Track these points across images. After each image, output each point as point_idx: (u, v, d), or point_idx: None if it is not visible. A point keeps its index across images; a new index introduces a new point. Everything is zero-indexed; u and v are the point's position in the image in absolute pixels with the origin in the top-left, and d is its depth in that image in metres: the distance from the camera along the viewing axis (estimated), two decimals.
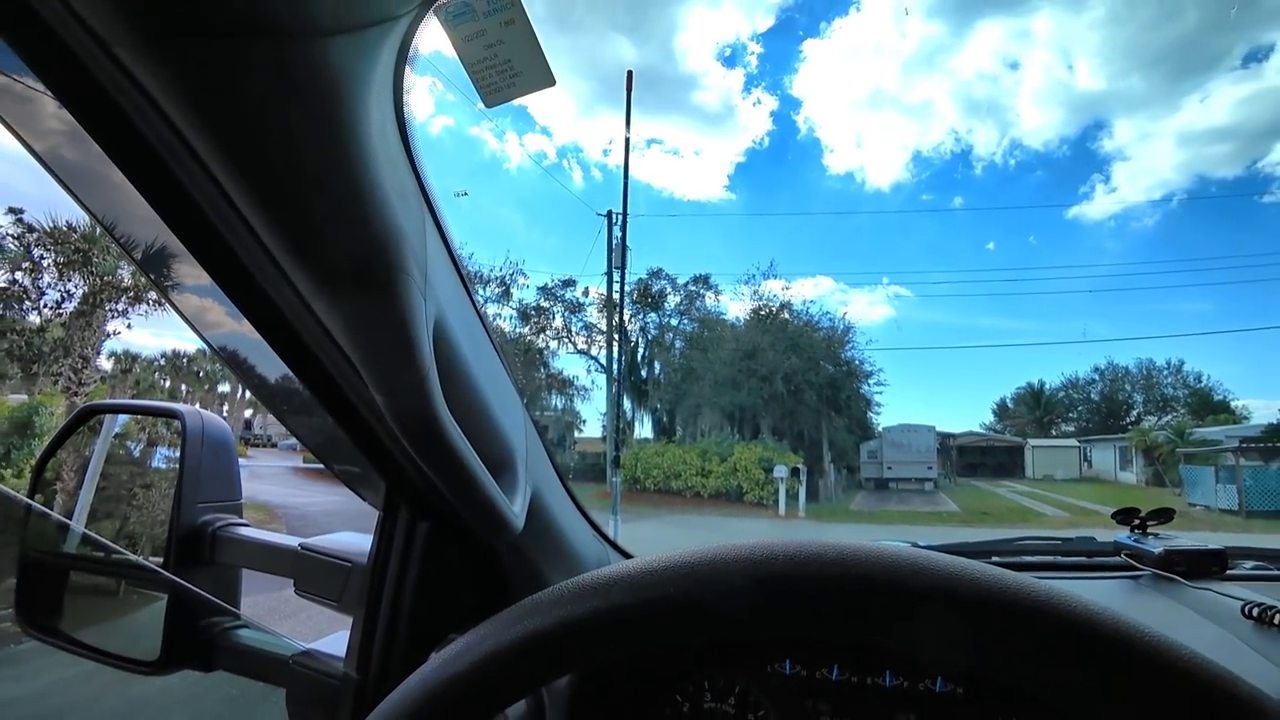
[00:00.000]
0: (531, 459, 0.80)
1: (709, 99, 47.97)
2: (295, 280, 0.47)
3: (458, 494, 0.64)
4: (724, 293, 28.72)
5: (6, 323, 14.07)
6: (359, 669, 0.84)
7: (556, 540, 0.91)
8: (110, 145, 0.43)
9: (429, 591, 0.82)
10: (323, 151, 0.39)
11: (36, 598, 1.16)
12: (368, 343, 0.49)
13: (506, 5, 0.50)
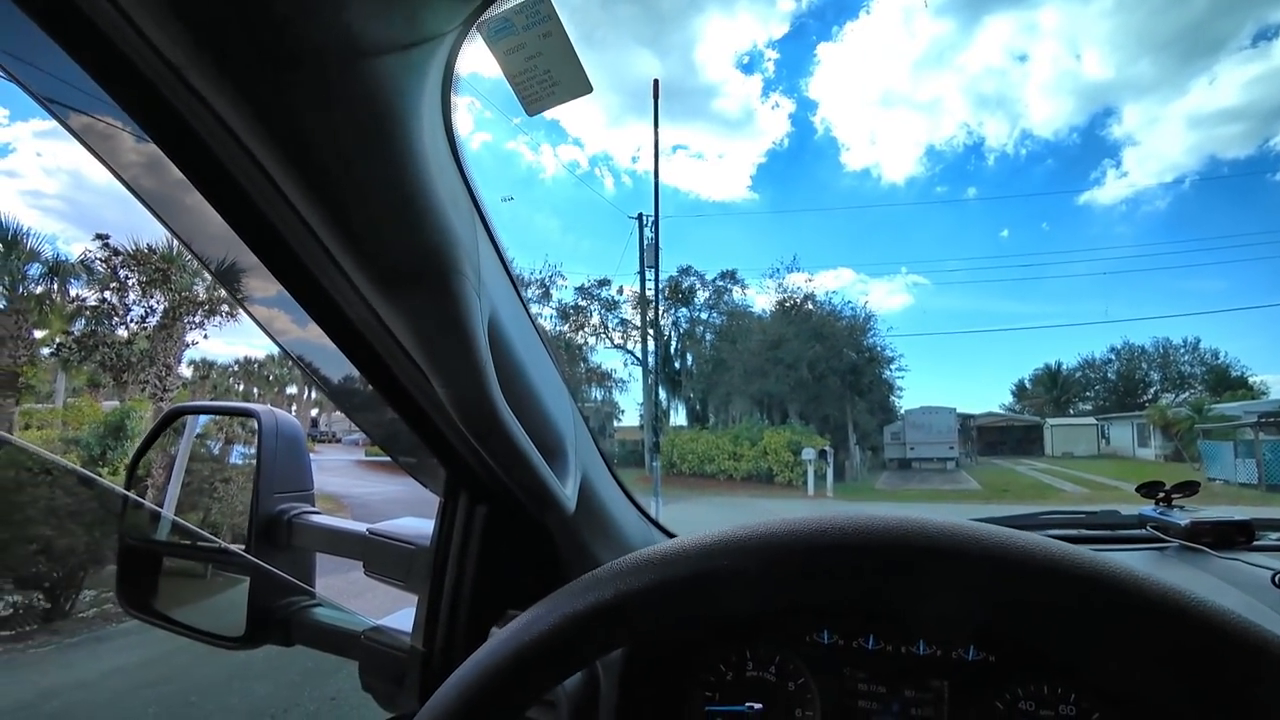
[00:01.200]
0: (580, 445, 0.81)
1: (729, 105, 47.67)
2: (359, 284, 0.47)
3: (515, 477, 0.65)
4: (750, 287, 28.66)
5: (99, 337, 14.68)
6: (425, 642, 0.86)
7: (605, 520, 0.92)
8: (188, 167, 0.44)
9: (488, 570, 0.83)
10: (379, 163, 0.40)
11: (134, 581, 1.20)
12: (429, 340, 0.50)
13: (544, 18, 0.50)
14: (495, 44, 0.51)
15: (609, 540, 0.94)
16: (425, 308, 0.48)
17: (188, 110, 0.40)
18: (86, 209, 27.31)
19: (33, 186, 28.01)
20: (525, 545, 0.86)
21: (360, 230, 0.43)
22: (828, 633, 0.84)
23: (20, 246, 14.52)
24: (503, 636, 0.49)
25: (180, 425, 1.23)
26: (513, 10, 0.50)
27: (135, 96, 0.40)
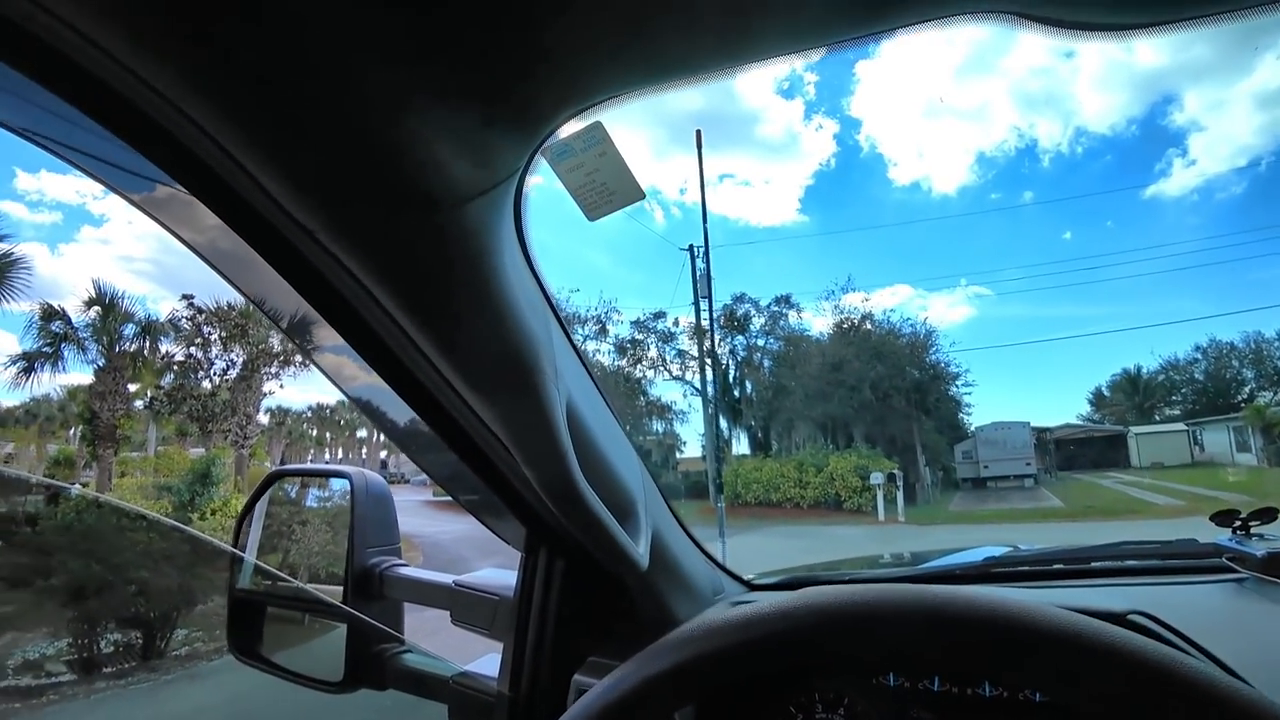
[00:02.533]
0: (650, 502, 0.87)
1: (772, 130, 47.73)
2: (456, 386, 0.55)
3: (592, 540, 0.71)
4: (806, 310, 28.16)
5: (186, 389, 15.72)
6: (511, 687, 0.93)
7: (675, 571, 0.97)
8: (310, 295, 0.53)
9: (569, 620, 0.90)
10: (470, 289, 0.48)
11: (242, 629, 1.31)
12: (516, 429, 0.58)
13: (599, 140, 0.58)
14: (558, 164, 0.59)
15: (679, 589, 0.99)
16: (512, 405, 0.55)
17: (307, 249, 0.48)
18: (171, 270, 29.42)
19: (125, 252, 30.25)
20: (602, 596, 0.92)
21: (455, 344, 0.51)
22: (893, 675, 0.87)
23: (117, 309, 15.67)
24: (588, 698, 0.54)
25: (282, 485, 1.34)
26: (573, 137, 0.57)
27: (255, 234, 0.48)
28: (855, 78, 47.26)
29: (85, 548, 8.30)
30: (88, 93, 0.40)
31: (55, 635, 8.24)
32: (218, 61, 0.36)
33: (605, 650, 0.88)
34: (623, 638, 0.91)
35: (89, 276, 26.91)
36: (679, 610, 0.98)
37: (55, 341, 15.32)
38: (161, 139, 0.42)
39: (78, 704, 7.20)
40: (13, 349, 15.79)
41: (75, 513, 9.40)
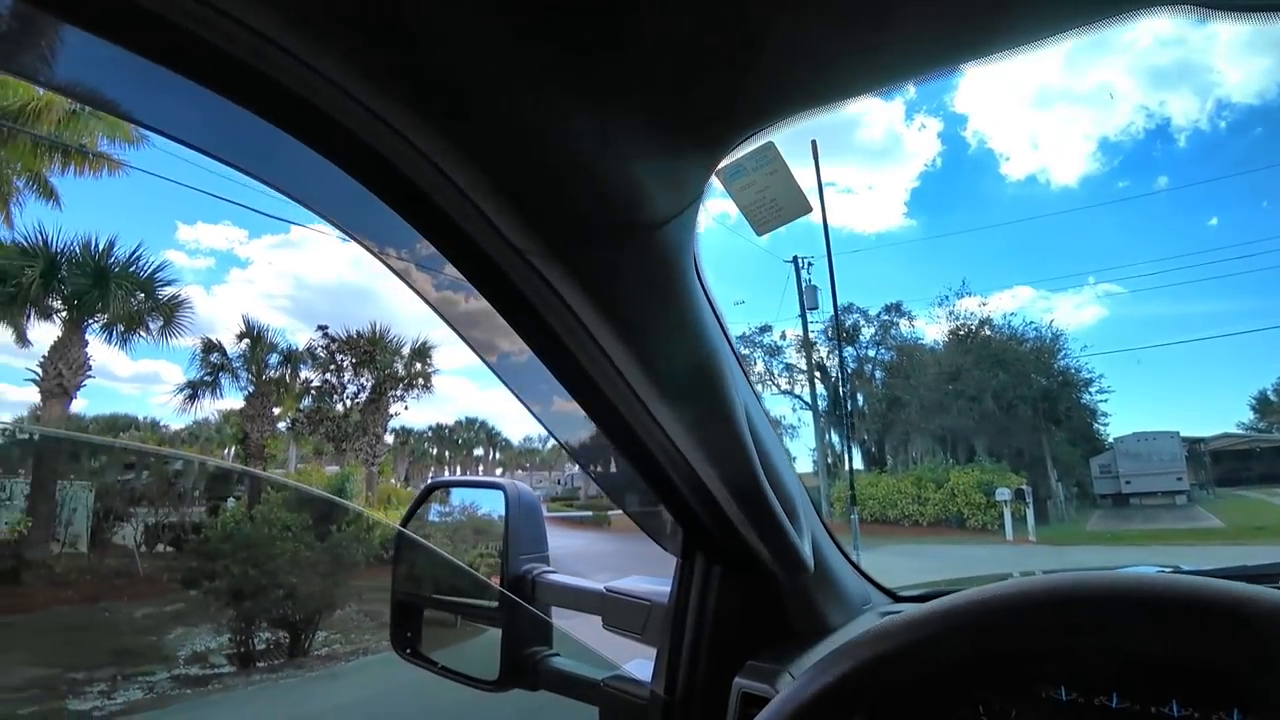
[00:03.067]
0: (805, 509, 0.87)
1: (873, 134, 46.08)
2: (643, 397, 0.58)
3: (769, 540, 0.73)
4: (918, 318, 26.66)
5: (323, 412, 17.16)
6: (666, 690, 0.94)
7: (828, 578, 0.96)
8: (524, 329, 0.57)
9: (724, 624, 0.91)
10: (666, 302, 0.51)
11: (403, 629, 1.40)
12: (703, 434, 0.61)
13: (770, 160, 0.60)
14: (730, 184, 0.61)
15: (831, 596, 0.98)
16: (700, 411, 0.58)
17: (519, 277, 0.52)
18: (305, 304, 32.38)
19: (266, 290, 33.39)
20: (757, 601, 0.93)
21: (651, 357, 0.55)
22: (1065, 689, 0.81)
23: (263, 341, 17.36)
24: (789, 692, 0.55)
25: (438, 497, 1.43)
26: (745, 158, 0.60)
27: (478, 272, 0.53)
28: (958, 71, 44.59)
29: (243, 555, 9.14)
30: (305, 119, 0.43)
31: (218, 631, 9.11)
32: (442, 95, 0.40)
33: (762, 655, 0.88)
34: (778, 643, 0.91)
35: (239, 313, 29.89)
36: (831, 617, 0.97)
37: (214, 371, 17.19)
38: (379, 165, 0.46)
39: (237, 694, 7.92)
40: (179, 379, 17.70)
41: (234, 523, 10.38)
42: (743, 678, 0.86)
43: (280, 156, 0.50)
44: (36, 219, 14.79)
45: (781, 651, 0.88)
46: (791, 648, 0.89)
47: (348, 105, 0.41)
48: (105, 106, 0.51)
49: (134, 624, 9.86)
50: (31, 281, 13.36)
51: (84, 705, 7.20)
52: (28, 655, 8.32)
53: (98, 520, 13.44)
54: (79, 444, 14.54)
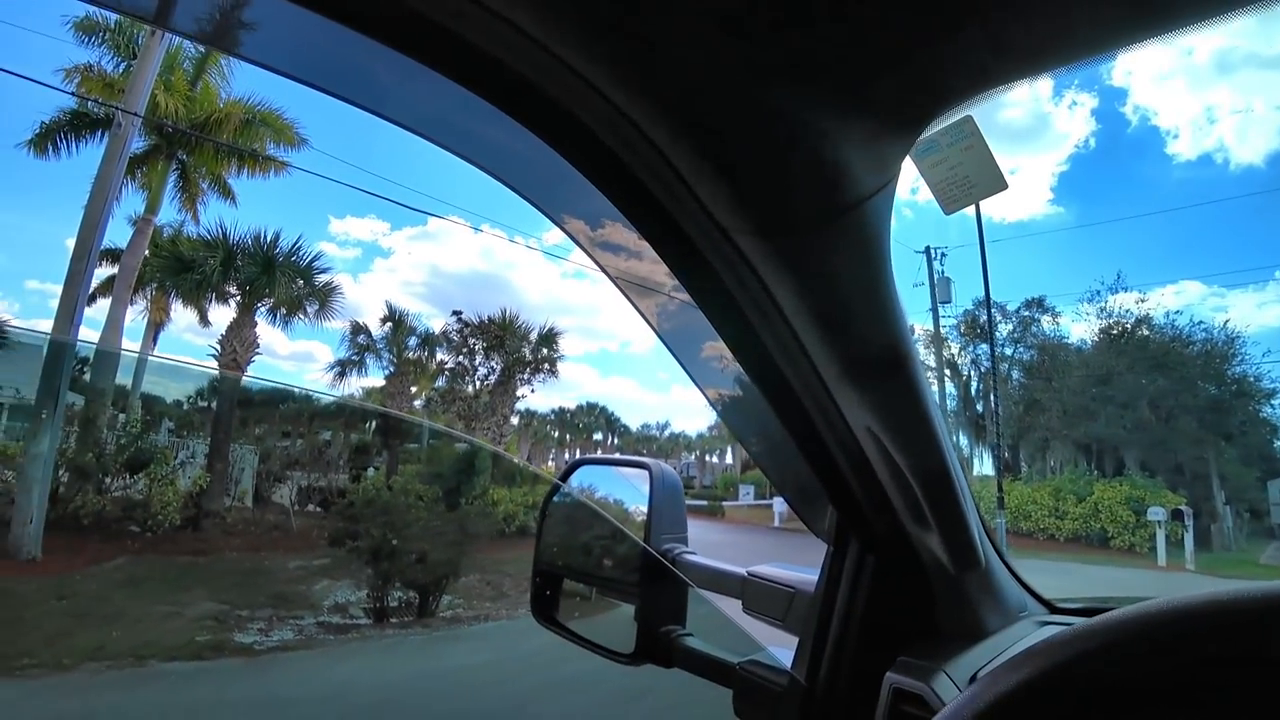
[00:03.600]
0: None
1: (1016, 114, 41.97)
2: (828, 381, 0.58)
3: (948, 531, 0.70)
4: (1063, 315, 24.10)
5: (455, 392, 18.31)
6: (808, 678, 0.93)
7: (988, 579, 0.92)
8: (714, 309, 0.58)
9: (874, 617, 0.88)
10: (864, 282, 0.50)
11: (543, 598, 1.46)
12: (891, 416, 0.59)
13: (967, 135, 0.57)
14: (920, 161, 0.59)
15: (988, 599, 0.93)
16: (889, 393, 0.57)
17: (716, 257, 0.53)
18: (440, 291, 34.59)
19: (406, 278, 35.86)
20: (909, 596, 0.90)
21: (843, 337, 0.54)
22: None
23: (403, 326, 18.77)
24: (976, 690, 0.53)
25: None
26: (940, 133, 0.57)
27: (678, 252, 0.54)
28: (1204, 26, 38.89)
29: (383, 520, 9.94)
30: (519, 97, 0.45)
31: (357, 586, 9.94)
32: (662, 73, 0.41)
33: (913, 651, 0.85)
34: (928, 641, 0.88)
35: (382, 299, 32.31)
36: (986, 620, 0.92)
37: (360, 352, 18.79)
38: (598, 149, 0.47)
39: (371, 644, 8.63)
40: (329, 358, 19.45)
41: (375, 490, 11.29)
42: (895, 673, 0.83)
43: (475, 132, 0.53)
44: (218, 215, 16.72)
45: (934, 649, 0.85)
46: (944, 647, 0.86)
47: (559, 75, 0.42)
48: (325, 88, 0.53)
49: (288, 573, 10.95)
50: (213, 270, 15.24)
51: (246, 639, 8.12)
52: (204, 592, 9.48)
53: (260, 480, 15.04)
54: (250, 410, 16.33)
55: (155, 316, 19.10)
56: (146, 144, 14.82)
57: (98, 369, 14.22)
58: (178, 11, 0.45)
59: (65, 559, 9.68)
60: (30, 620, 7.73)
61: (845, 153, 0.45)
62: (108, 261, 15.34)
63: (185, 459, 13.68)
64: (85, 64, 14.10)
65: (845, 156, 0.45)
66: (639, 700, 6.21)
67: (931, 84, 0.42)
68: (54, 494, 10.37)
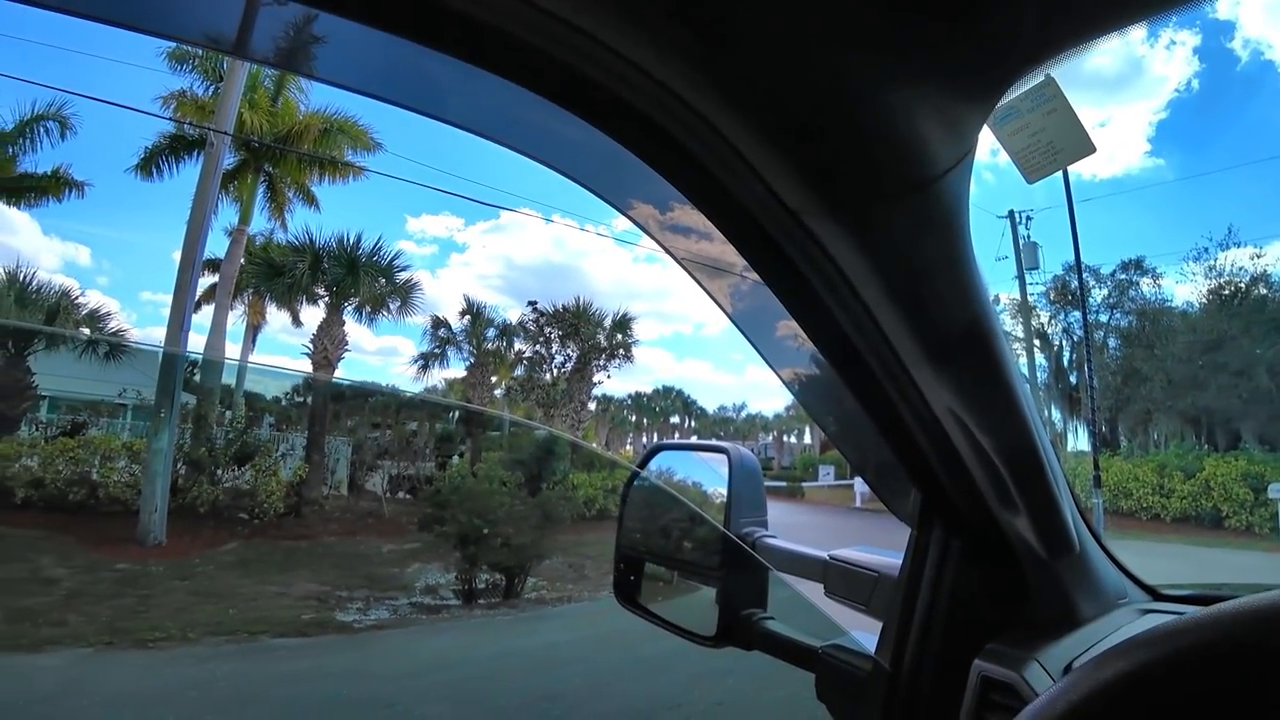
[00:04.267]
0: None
1: (1105, 61, 38.23)
2: (907, 362, 0.56)
3: (1038, 515, 0.68)
4: (1165, 276, 21.80)
5: (533, 381, 18.82)
6: (893, 664, 0.91)
7: (1083, 564, 0.87)
8: (788, 293, 0.57)
9: (960, 602, 0.86)
10: (945, 258, 0.48)
11: (626, 581, 1.48)
12: (975, 396, 0.57)
13: (1049, 98, 0.54)
14: (1000, 129, 0.56)
15: (1082, 585, 0.89)
16: (972, 372, 0.55)
17: (786, 238, 0.52)
18: (515, 282, 35.37)
19: (482, 271, 36.79)
20: (997, 581, 0.87)
21: (923, 316, 0.52)
22: None
23: (481, 318, 19.35)
24: (1074, 679, 0.51)
25: None
26: (1019, 98, 0.54)
27: (745, 234, 0.54)
28: None
29: (469, 505, 10.34)
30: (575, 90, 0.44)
31: (446, 569, 10.39)
32: (725, 58, 0.40)
33: (1003, 639, 0.82)
34: (1018, 628, 0.84)
35: (460, 293, 33.27)
36: (1082, 607, 0.88)
37: (441, 345, 19.50)
38: (655, 133, 0.46)
39: (461, 624, 9.03)
40: (413, 352, 20.28)
41: (460, 477, 11.75)
42: (984, 660, 0.81)
43: (536, 127, 0.54)
44: (304, 222, 17.63)
45: (1025, 638, 0.82)
46: (1036, 635, 0.82)
47: (614, 63, 0.42)
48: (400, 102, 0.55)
49: (381, 556, 11.56)
50: (303, 274, 16.16)
51: (346, 618, 8.66)
52: (306, 573, 10.14)
53: (354, 469, 15.89)
54: (342, 404, 17.27)
55: (253, 319, 20.40)
56: (236, 159, 15.85)
57: (206, 371, 15.34)
58: (254, 40, 0.47)
59: (185, 543, 10.57)
60: (158, 598, 8.48)
61: (920, 125, 0.43)
62: (209, 271, 16.45)
63: (285, 451, 14.57)
64: (179, 90, 15.27)
65: (920, 129, 0.43)
66: (719, 681, 6.26)
67: (1009, 45, 0.40)
68: (174, 485, 11.28)
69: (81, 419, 13.76)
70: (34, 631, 7.10)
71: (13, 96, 14.64)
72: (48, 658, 6.61)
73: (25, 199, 15.61)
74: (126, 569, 9.47)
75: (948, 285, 0.50)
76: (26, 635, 7.00)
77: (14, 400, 12.69)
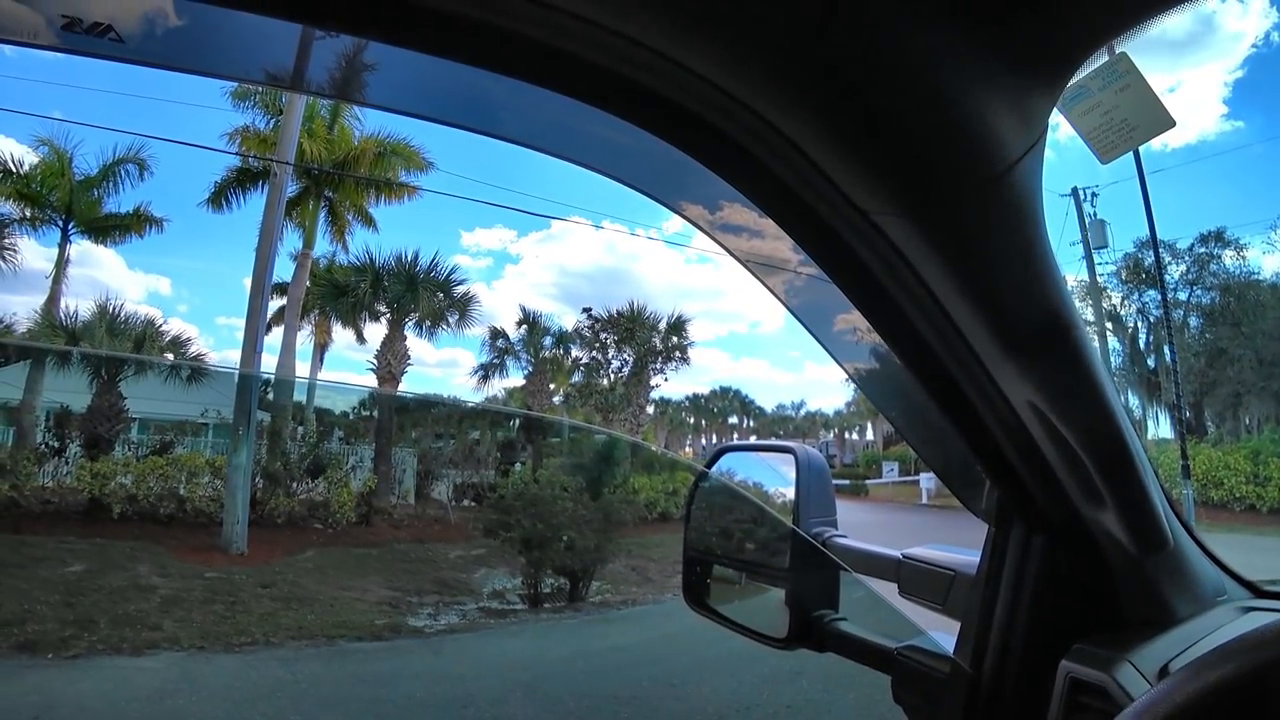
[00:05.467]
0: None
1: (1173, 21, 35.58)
2: (983, 357, 0.55)
3: (1128, 510, 0.65)
4: (1250, 247, 20.07)
5: (591, 386, 19.06)
6: (972, 665, 0.88)
7: (1177, 559, 0.83)
8: (858, 293, 0.57)
9: (1044, 601, 0.83)
10: (1019, 249, 0.47)
11: (693, 584, 1.48)
12: (1059, 391, 0.55)
13: (1121, 74, 0.52)
14: (1070, 110, 0.54)
15: (1175, 582, 0.84)
16: (1054, 365, 0.53)
17: (857, 238, 0.51)
18: (569, 289, 35.84)
19: (536, 280, 37.33)
20: (1081, 579, 0.83)
21: (998, 310, 0.51)
22: None
23: (538, 326, 19.77)
24: (1175, 682, 0.49)
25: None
26: (1089, 77, 0.52)
27: (806, 226, 0.53)
28: None
29: (532, 511, 10.53)
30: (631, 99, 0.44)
31: (512, 573, 10.58)
32: (791, 59, 0.40)
33: (1092, 639, 0.79)
34: (1108, 628, 0.81)
35: (515, 303, 33.84)
36: (1177, 606, 0.83)
37: (500, 354, 19.93)
38: (715, 136, 0.46)
39: (528, 627, 9.18)
40: (473, 363, 20.74)
41: (523, 484, 11.96)
42: (1071, 661, 0.77)
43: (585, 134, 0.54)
44: (364, 242, 18.33)
45: (1115, 638, 0.78)
46: (1127, 635, 0.78)
47: (671, 71, 0.41)
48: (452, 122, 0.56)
49: (449, 562, 11.85)
50: (364, 292, 16.83)
51: (418, 622, 8.92)
52: (379, 579, 10.49)
53: (420, 479, 16.35)
54: (406, 416, 17.81)
55: (320, 338, 21.25)
56: (298, 187, 16.61)
57: (279, 389, 16.07)
58: (310, 73, 0.49)
59: (266, 551, 11.10)
60: (243, 604, 8.92)
61: (988, 113, 0.42)
62: (278, 294, 17.26)
63: (355, 463, 15.16)
64: (243, 126, 16.10)
65: (988, 117, 0.42)
66: (790, 683, 6.17)
67: (1077, 20, 0.39)
68: (253, 498, 11.87)
69: (169, 438, 14.58)
70: (135, 636, 7.57)
71: (96, 144, 15.73)
72: (148, 660, 7.05)
73: (111, 237, 16.76)
74: (214, 577, 9.99)
75: (1023, 277, 0.49)
76: (128, 639, 7.48)
77: (109, 423, 13.56)
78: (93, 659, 6.96)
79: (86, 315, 15.30)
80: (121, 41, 0.42)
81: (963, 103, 0.41)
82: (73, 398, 13.82)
